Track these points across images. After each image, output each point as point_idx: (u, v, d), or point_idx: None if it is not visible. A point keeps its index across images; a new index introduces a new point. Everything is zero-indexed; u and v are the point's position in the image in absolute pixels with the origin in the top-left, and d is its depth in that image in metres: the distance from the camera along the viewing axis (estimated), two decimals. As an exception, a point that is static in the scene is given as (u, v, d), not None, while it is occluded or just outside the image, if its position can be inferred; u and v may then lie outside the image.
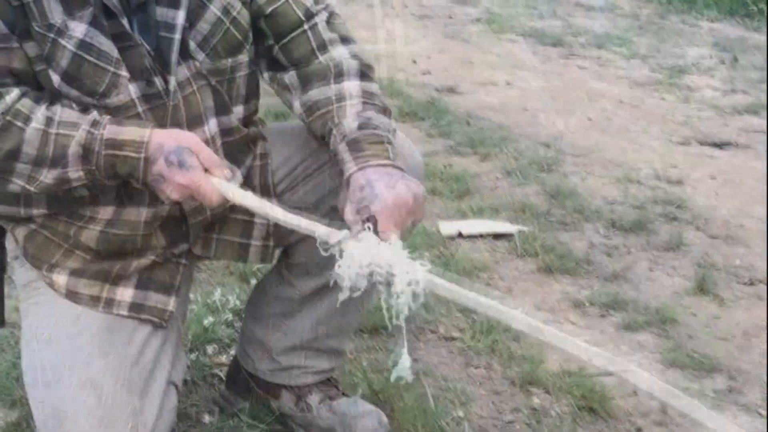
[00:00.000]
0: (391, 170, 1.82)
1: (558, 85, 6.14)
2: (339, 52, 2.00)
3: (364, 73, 1.99)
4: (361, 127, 1.88)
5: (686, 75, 6.48)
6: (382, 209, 1.73)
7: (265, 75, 2.06)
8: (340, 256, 1.65)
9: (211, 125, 1.95)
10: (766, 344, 2.84)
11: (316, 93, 1.97)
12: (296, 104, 2.01)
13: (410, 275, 1.60)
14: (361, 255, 1.63)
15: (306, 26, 2.00)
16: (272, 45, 2.02)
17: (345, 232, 1.68)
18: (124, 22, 1.81)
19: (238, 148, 2.02)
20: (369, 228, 1.69)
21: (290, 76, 2.01)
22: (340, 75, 1.97)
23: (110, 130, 1.78)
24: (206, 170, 1.78)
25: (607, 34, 7.81)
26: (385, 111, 1.95)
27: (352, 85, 1.96)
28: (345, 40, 2.03)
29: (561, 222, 3.69)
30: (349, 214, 1.78)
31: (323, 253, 1.67)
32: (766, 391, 2.57)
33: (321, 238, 1.68)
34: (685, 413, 1.49)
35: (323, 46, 2.00)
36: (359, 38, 2.06)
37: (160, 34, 1.85)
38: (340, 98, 1.94)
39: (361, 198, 1.77)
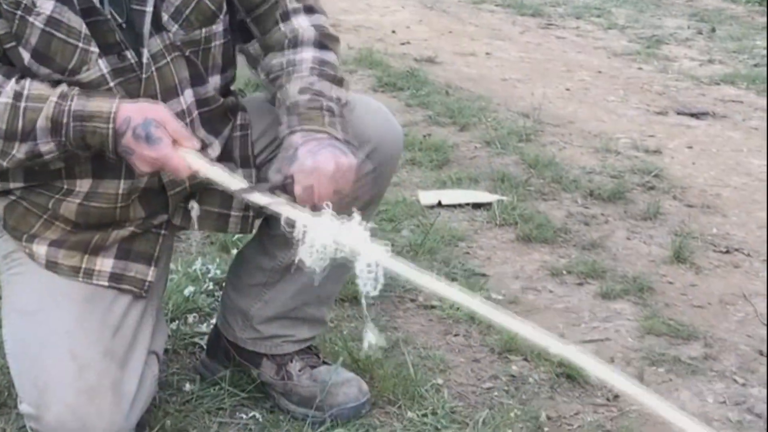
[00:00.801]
0: (321, 137, 1.85)
1: (537, 55, 6.15)
2: (299, 22, 2.02)
3: (322, 42, 2.01)
4: (301, 92, 1.92)
5: (664, 45, 6.51)
6: (298, 172, 1.79)
7: (237, 47, 2.07)
8: (303, 237, 1.67)
9: (187, 96, 1.95)
10: (741, 312, 2.87)
11: (271, 60, 2.01)
12: (260, 72, 2.05)
13: (371, 258, 1.62)
14: (324, 237, 1.65)
15: None
16: (244, 18, 2.04)
17: (308, 215, 1.69)
18: None
19: (215, 118, 2.02)
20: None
21: (254, 46, 2.06)
22: (295, 44, 2.00)
23: (77, 102, 1.78)
24: (175, 142, 1.78)
25: (586, 5, 7.83)
26: (337, 81, 1.97)
27: (305, 54, 1.99)
28: (309, 10, 2.05)
29: (539, 191, 3.71)
30: (271, 173, 1.85)
31: (287, 234, 1.69)
32: (741, 359, 2.60)
33: (285, 219, 1.71)
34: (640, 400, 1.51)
35: (286, 16, 2.03)
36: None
37: (132, 7, 1.85)
38: (291, 64, 1.97)
39: (283, 159, 1.84)
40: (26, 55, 1.81)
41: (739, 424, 2.31)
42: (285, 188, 1.80)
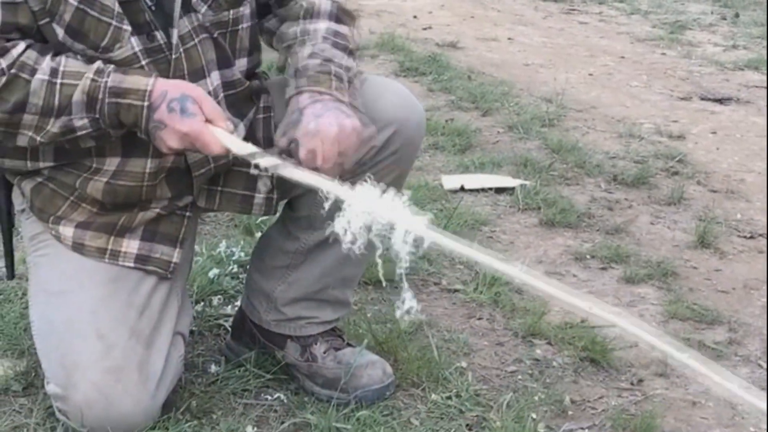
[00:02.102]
0: (327, 100, 1.86)
1: (559, 40, 6.13)
2: None
3: (338, 16, 2.02)
4: (311, 57, 1.92)
5: (688, 31, 6.48)
6: (302, 135, 1.80)
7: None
8: (341, 209, 1.66)
9: (213, 78, 1.96)
10: (765, 297, 2.86)
11: (286, 29, 2.02)
12: (275, 42, 2.06)
13: (410, 228, 1.61)
14: (362, 208, 1.64)
15: None
16: (267, 3, 2.07)
17: (346, 187, 1.68)
18: None
19: (240, 101, 2.03)
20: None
21: (271, 21, 2.07)
22: (311, 15, 2.01)
23: (114, 78, 1.80)
24: (208, 121, 1.79)
25: (609, -10, 7.79)
26: (349, 51, 1.98)
27: (319, 24, 2.00)
28: None
29: (562, 176, 3.70)
30: (276, 136, 1.86)
31: (324, 207, 1.68)
32: (765, 343, 2.59)
33: (323, 192, 1.70)
34: (685, 364, 1.51)
35: None
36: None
37: (162, -13, 1.86)
38: (305, 33, 1.98)
39: (288, 122, 1.85)
40: (60, 31, 1.82)
41: (763, 410, 2.30)
42: (290, 152, 1.81)
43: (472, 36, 6.10)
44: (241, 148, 1.80)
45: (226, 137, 1.79)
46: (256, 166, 1.79)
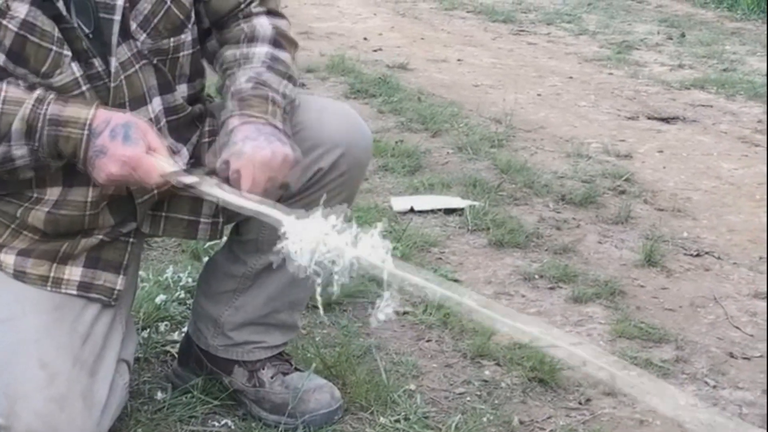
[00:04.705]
0: (263, 126, 1.86)
1: (508, 61, 6.17)
2: (259, 21, 2.05)
3: (278, 41, 2.03)
4: (248, 81, 1.93)
5: (635, 51, 6.56)
6: (234, 157, 1.80)
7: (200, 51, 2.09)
8: (285, 236, 1.65)
9: (155, 104, 1.95)
10: (712, 315, 2.89)
11: (226, 51, 2.03)
12: (215, 65, 2.06)
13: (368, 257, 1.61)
14: (307, 237, 1.63)
15: (242, 5, 2.05)
16: (209, 27, 2.06)
17: (290, 216, 1.67)
18: (59, 4, 1.79)
19: (183, 126, 2.02)
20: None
21: (211, 42, 2.07)
22: (251, 40, 2.02)
23: (54, 108, 1.78)
24: (150, 151, 1.78)
25: (557, 11, 7.88)
26: (287, 77, 1.99)
27: (259, 48, 2.00)
28: (271, 13, 2.08)
29: (511, 197, 3.72)
30: (209, 155, 1.87)
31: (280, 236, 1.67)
32: (712, 361, 2.61)
33: (268, 220, 1.69)
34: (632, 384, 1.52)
35: (248, 16, 2.05)
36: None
37: (100, 15, 1.84)
38: (244, 57, 1.99)
39: (222, 144, 1.85)
40: (1, 57, 1.80)
41: (710, 427, 2.32)
42: (220, 172, 1.81)
43: (422, 57, 6.13)
44: (185, 178, 1.79)
45: (167, 167, 1.78)
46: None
